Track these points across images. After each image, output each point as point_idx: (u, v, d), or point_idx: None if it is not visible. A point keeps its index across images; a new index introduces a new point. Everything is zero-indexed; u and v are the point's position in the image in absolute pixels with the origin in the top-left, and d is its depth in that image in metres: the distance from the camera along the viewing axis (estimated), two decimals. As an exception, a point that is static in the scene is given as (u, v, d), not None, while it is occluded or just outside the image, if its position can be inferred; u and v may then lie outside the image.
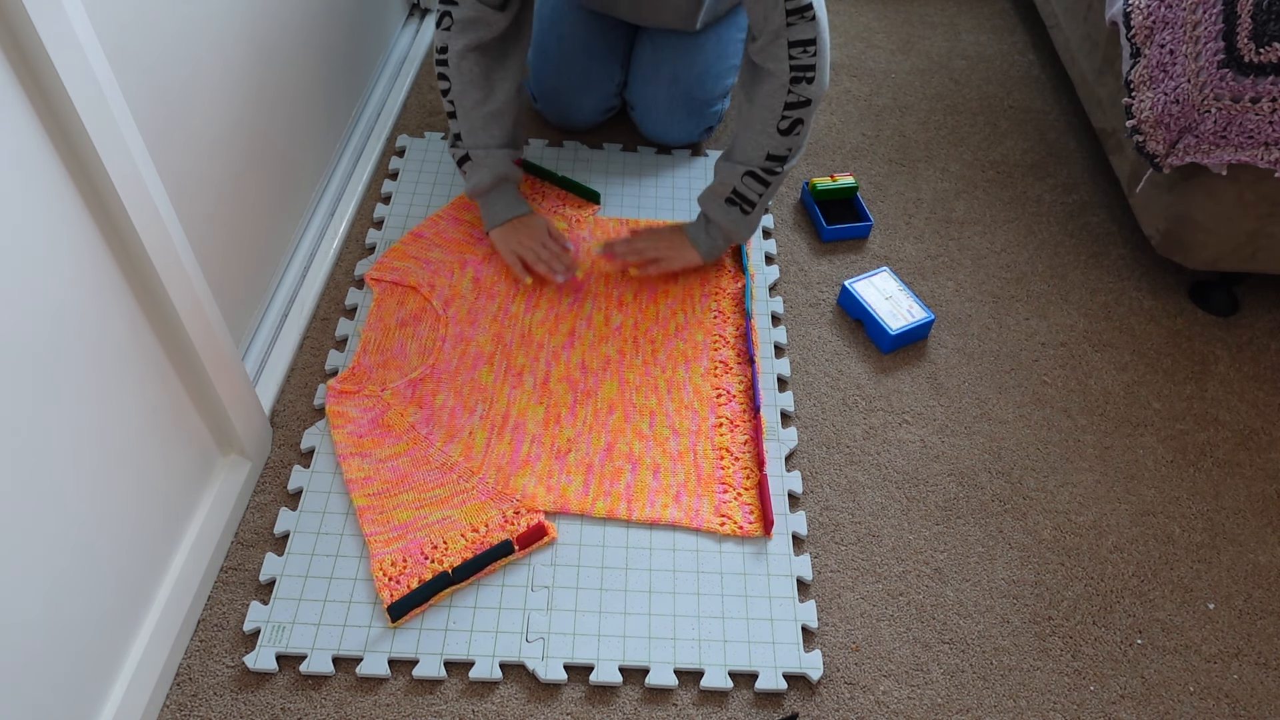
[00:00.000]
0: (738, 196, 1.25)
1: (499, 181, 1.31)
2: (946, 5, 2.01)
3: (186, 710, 0.94)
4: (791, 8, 1.11)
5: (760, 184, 1.24)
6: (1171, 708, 1.00)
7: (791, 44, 1.13)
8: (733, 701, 0.98)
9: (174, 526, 0.99)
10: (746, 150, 1.22)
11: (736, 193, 1.25)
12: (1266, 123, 1.16)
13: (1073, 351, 1.34)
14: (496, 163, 1.30)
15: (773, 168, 1.22)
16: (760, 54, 1.16)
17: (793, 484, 1.15)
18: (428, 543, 1.06)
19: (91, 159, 0.77)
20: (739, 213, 1.27)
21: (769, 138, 1.20)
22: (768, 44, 1.14)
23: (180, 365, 0.96)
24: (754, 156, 1.22)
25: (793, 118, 1.18)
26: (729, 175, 1.25)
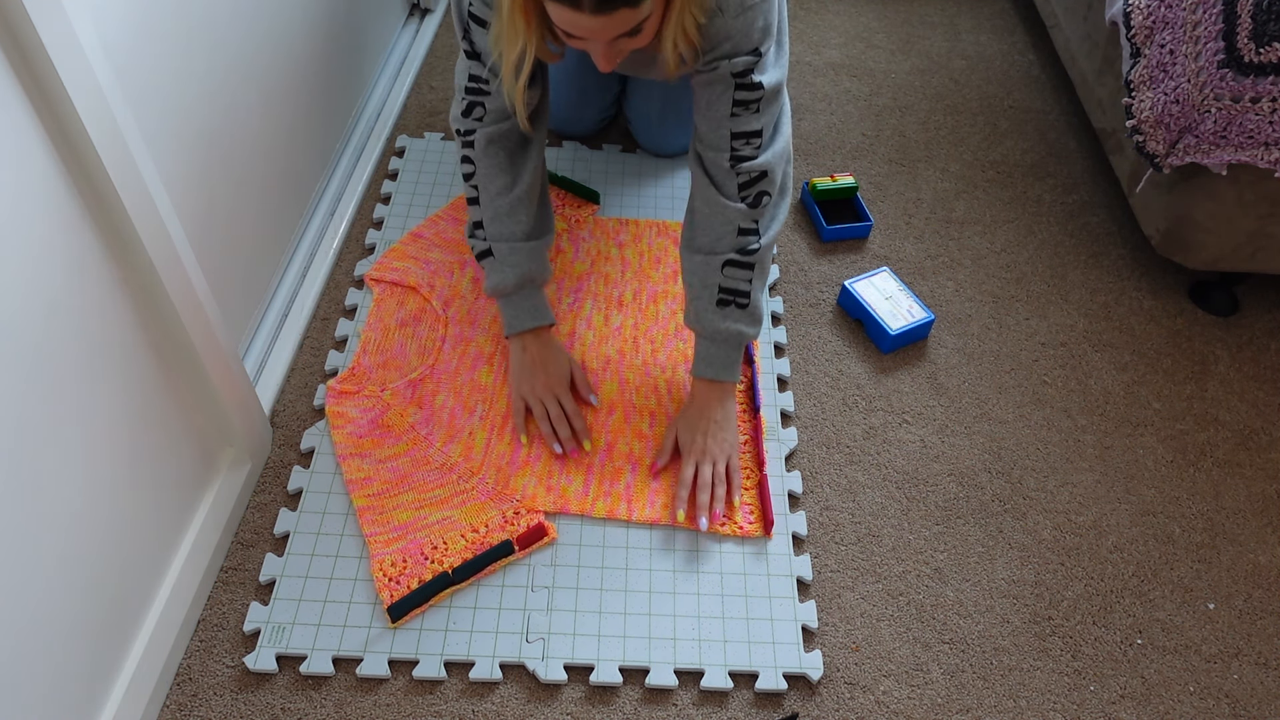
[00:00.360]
0: (727, 293, 1.09)
1: (524, 282, 1.15)
2: (946, 5, 2.01)
3: (186, 710, 0.94)
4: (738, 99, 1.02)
5: (743, 269, 1.08)
6: (1171, 708, 1.00)
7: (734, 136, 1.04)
8: (733, 702, 0.98)
9: (174, 526, 0.99)
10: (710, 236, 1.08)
11: (724, 290, 1.09)
12: (1266, 123, 1.16)
13: (1073, 351, 1.34)
14: (521, 260, 1.14)
15: (747, 245, 1.07)
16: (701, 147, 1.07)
17: (793, 484, 1.15)
18: (428, 543, 1.06)
19: (91, 159, 0.77)
20: (736, 310, 1.09)
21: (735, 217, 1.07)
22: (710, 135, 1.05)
23: (180, 365, 0.96)
24: (721, 244, 1.08)
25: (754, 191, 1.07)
26: (707, 273, 1.09)
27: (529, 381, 1.16)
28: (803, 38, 1.89)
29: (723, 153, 1.05)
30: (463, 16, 1.06)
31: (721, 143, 1.05)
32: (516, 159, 1.14)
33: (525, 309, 1.17)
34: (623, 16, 0.88)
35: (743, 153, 1.05)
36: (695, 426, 1.13)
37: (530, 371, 1.16)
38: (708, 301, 1.10)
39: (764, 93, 1.02)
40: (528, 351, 1.17)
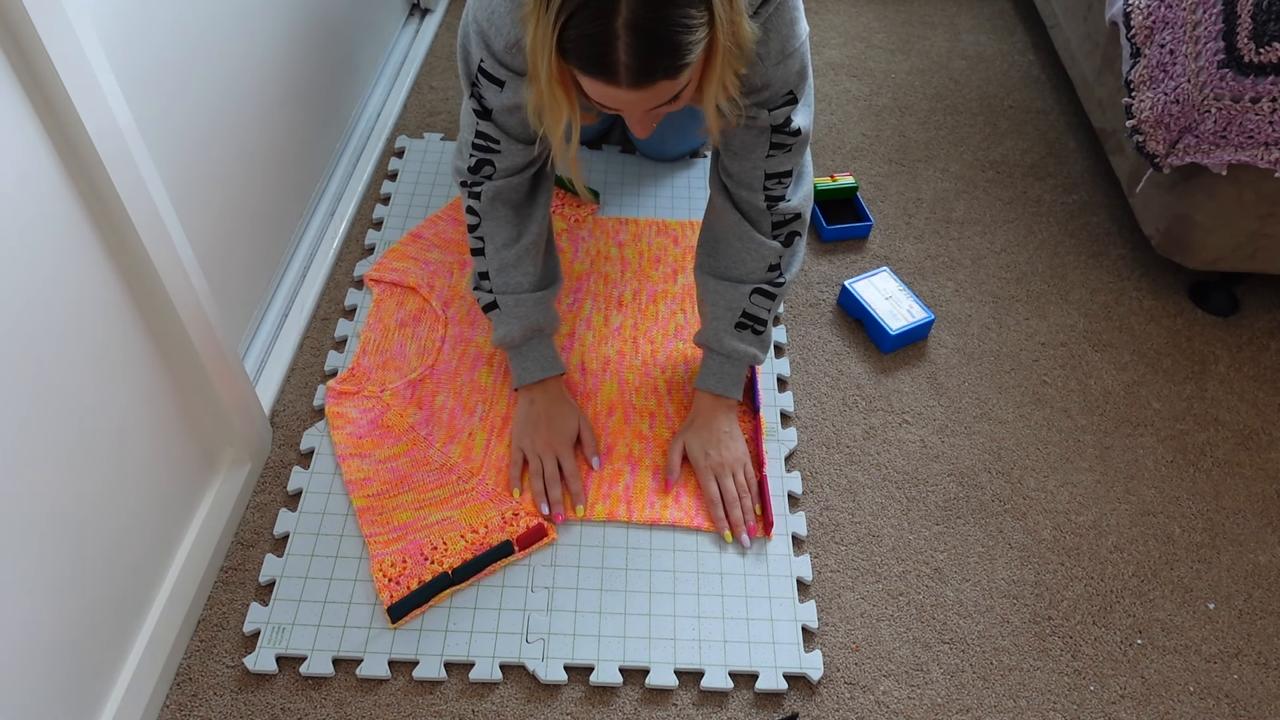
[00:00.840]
0: (748, 318, 1.11)
1: (531, 333, 1.13)
2: (946, 5, 2.01)
3: (186, 710, 0.94)
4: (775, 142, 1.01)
5: (768, 299, 1.10)
6: (1171, 708, 1.00)
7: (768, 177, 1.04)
8: (733, 702, 0.98)
9: (174, 526, 0.99)
10: (741, 268, 1.09)
11: (746, 314, 1.11)
12: (1266, 123, 1.16)
13: (1073, 351, 1.34)
14: (528, 311, 1.12)
15: (775, 279, 1.10)
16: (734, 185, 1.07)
17: (793, 484, 1.15)
18: (427, 544, 1.06)
19: (91, 159, 0.77)
20: (752, 334, 1.12)
21: (766, 251, 1.08)
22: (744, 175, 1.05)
23: (180, 365, 0.96)
24: (752, 273, 1.09)
25: (788, 231, 1.09)
26: (734, 298, 1.10)
27: (530, 435, 1.12)
28: (803, 38, 1.89)
29: (756, 193, 1.05)
30: (471, 72, 1.01)
31: (755, 183, 1.05)
32: (523, 212, 1.11)
33: (533, 360, 1.14)
34: (662, 88, 0.83)
35: (775, 192, 1.05)
36: (706, 441, 1.12)
37: (534, 426, 1.13)
38: (727, 323, 1.11)
39: (799, 138, 1.02)
40: (535, 405, 1.14)
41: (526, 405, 1.15)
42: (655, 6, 0.78)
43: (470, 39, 0.99)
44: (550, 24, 0.80)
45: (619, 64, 0.80)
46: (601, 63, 0.80)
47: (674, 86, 0.84)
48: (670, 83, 0.83)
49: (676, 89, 0.85)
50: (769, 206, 1.06)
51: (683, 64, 0.81)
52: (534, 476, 1.10)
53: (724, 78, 0.87)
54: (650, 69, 0.80)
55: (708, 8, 0.80)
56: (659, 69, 0.81)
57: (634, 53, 0.79)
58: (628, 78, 0.81)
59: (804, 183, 1.09)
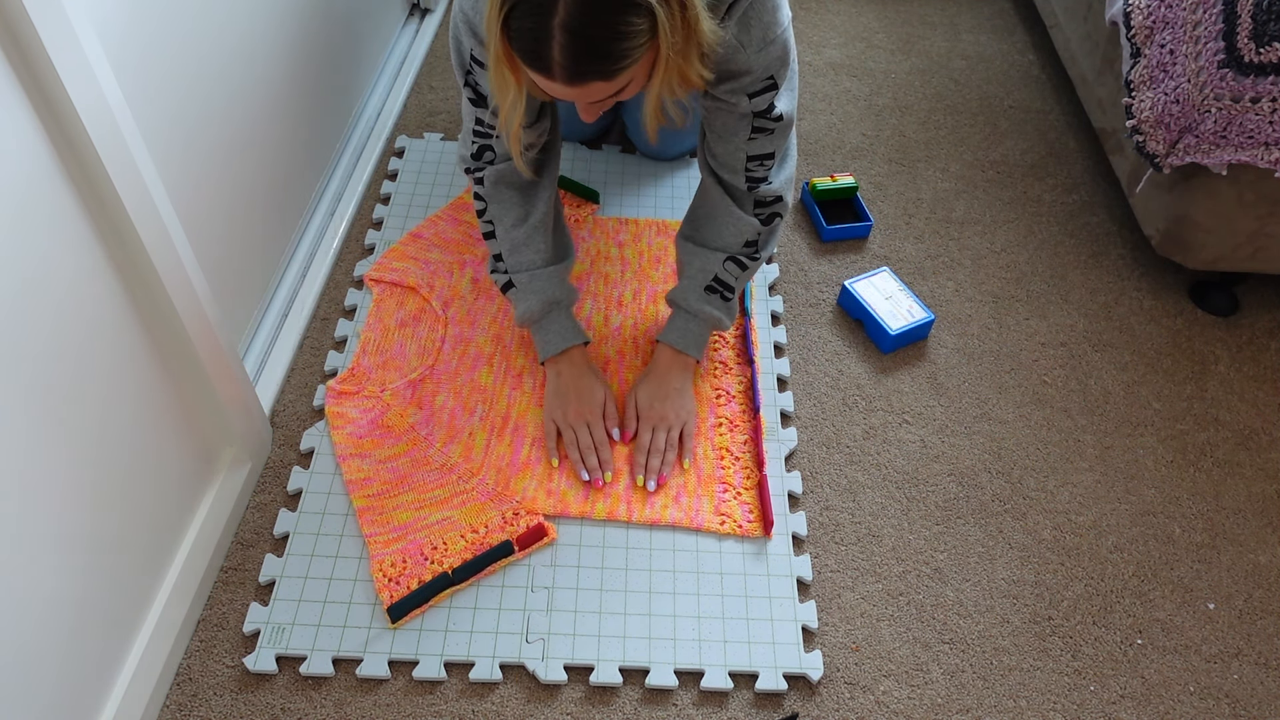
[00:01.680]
0: (718, 284, 1.15)
1: (549, 307, 1.16)
2: (946, 5, 2.01)
3: (186, 710, 0.94)
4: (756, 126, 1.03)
5: (740, 268, 1.14)
6: (1171, 708, 1.00)
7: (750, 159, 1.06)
8: (733, 702, 0.98)
9: (174, 526, 0.99)
10: (721, 239, 1.14)
11: (717, 279, 1.15)
12: (1266, 123, 1.16)
13: (1073, 351, 1.34)
14: (544, 285, 1.15)
15: (752, 254, 1.14)
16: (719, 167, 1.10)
17: (793, 484, 1.15)
18: (427, 544, 1.06)
19: (91, 159, 0.77)
20: (720, 300, 1.16)
21: (746, 226, 1.11)
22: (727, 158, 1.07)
23: (180, 365, 0.96)
24: (731, 243, 1.13)
25: (769, 212, 1.12)
26: (708, 263, 1.14)
27: (561, 407, 1.15)
28: (803, 38, 1.89)
29: (738, 174, 1.08)
30: (464, 61, 1.04)
31: (737, 164, 1.07)
32: (528, 193, 1.14)
33: (554, 332, 1.17)
34: (597, 88, 0.85)
35: (756, 174, 1.08)
36: (655, 393, 1.17)
37: (564, 397, 1.15)
38: (698, 285, 1.16)
39: (781, 123, 1.04)
40: (562, 377, 1.17)
41: (554, 378, 1.17)
42: (592, 11, 0.79)
43: (460, 29, 1.02)
44: (498, 9, 0.82)
45: (554, 61, 0.82)
46: (536, 57, 0.83)
47: (609, 87, 0.86)
48: (604, 84, 0.85)
49: (613, 89, 0.87)
50: (750, 188, 1.09)
51: (617, 68, 0.83)
52: (570, 447, 1.14)
53: (669, 81, 0.89)
54: (582, 70, 0.82)
55: (650, 15, 0.81)
56: (590, 71, 0.83)
57: (567, 53, 0.81)
58: (561, 75, 0.83)
59: (787, 165, 1.11)
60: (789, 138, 1.09)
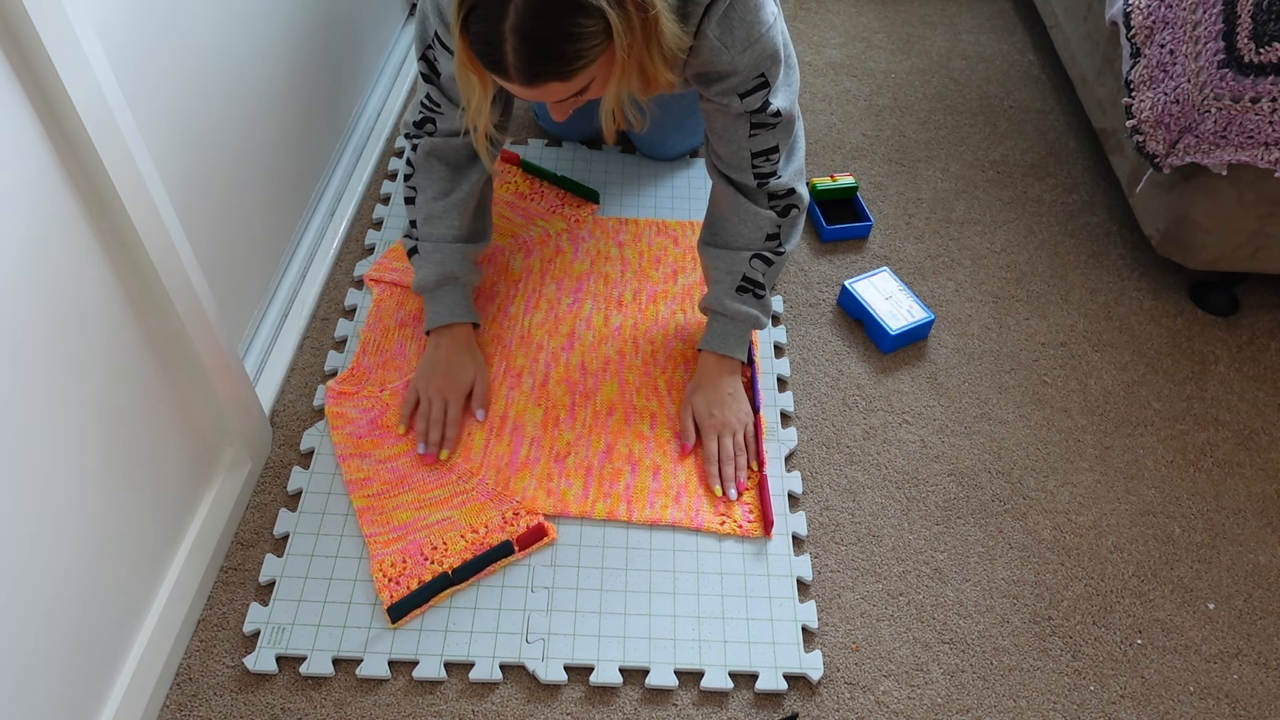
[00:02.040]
0: (748, 282, 1.15)
1: (444, 280, 1.17)
2: (946, 5, 2.01)
3: (186, 710, 0.94)
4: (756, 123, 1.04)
5: (766, 264, 1.14)
6: (1171, 708, 1.00)
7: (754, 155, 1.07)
8: (733, 702, 0.98)
9: (174, 526, 0.99)
10: (742, 238, 1.14)
11: (746, 280, 1.15)
12: (1266, 123, 1.16)
13: (1073, 351, 1.34)
14: (445, 258, 1.17)
15: (776, 248, 1.14)
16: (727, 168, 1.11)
17: (793, 484, 1.15)
18: (427, 544, 1.06)
19: (91, 159, 0.77)
20: (753, 298, 1.16)
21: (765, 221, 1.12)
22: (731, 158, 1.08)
23: (180, 365, 0.96)
24: (753, 240, 1.14)
25: (784, 204, 1.12)
26: (734, 264, 1.14)
27: (426, 378, 1.16)
28: (803, 38, 1.89)
29: (745, 172, 1.09)
30: (426, 37, 1.07)
31: (743, 163, 1.08)
32: (458, 171, 1.17)
33: (444, 305, 1.18)
34: (554, 88, 0.87)
35: (764, 169, 1.09)
36: (712, 401, 1.16)
37: (433, 369, 1.16)
38: (729, 286, 1.16)
39: (781, 119, 1.04)
40: (439, 350, 1.18)
41: (433, 349, 1.18)
42: (541, 15, 0.81)
43: (428, 12, 1.05)
44: (458, 13, 0.84)
45: (509, 64, 0.84)
46: (492, 60, 0.85)
47: (568, 87, 0.87)
48: (561, 84, 0.86)
49: (571, 90, 0.88)
50: (760, 184, 1.10)
51: (571, 69, 0.85)
52: (420, 417, 1.14)
53: (629, 83, 0.91)
54: (536, 71, 0.84)
55: (601, 16, 0.82)
56: (544, 72, 0.84)
57: (520, 55, 0.83)
58: (518, 77, 0.85)
59: (795, 158, 1.12)
60: (794, 131, 1.10)
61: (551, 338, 1.28)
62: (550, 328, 1.29)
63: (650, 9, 0.85)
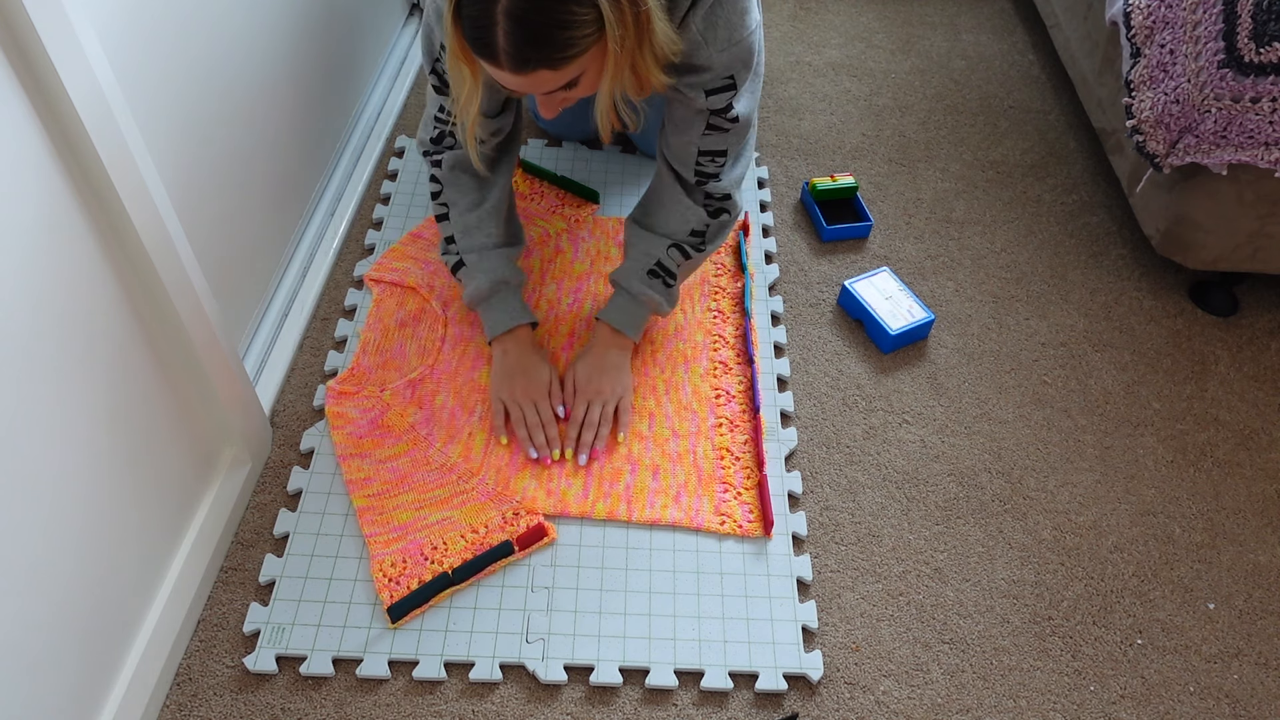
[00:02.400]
0: (659, 269, 1.17)
1: (498, 286, 1.18)
2: (946, 5, 2.01)
3: (186, 710, 0.94)
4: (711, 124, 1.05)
5: (683, 255, 1.16)
6: (1171, 708, 1.00)
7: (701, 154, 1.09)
8: (733, 702, 0.98)
9: (174, 526, 0.99)
10: (667, 224, 1.16)
11: (659, 265, 1.17)
12: (1266, 123, 1.16)
13: (1073, 351, 1.34)
14: (493, 265, 1.18)
15: (698, 244, 1.16)
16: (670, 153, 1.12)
17: (793, 484, 1.15)
18: (427, 544, 1.06)
19: (91, 159, 0.77)
20: (662, 285, 1.18)
21: (693, 215, 1.14)
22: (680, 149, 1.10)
23: (180, 365, 0.96)
24: (678, 231, 1.16)
25: (717, 207, 1.14)
26: (652, 247, 1.17)
27: (508, 386, 1.16)
28: (803, 38, 1.89)
29: (688, 167, 1.10)
30: (432, 49, 1.07)
31: (688, 159, 1.10)
32: (483, 180, 1.18)
33: (502, 311, 1.19)
34: (543, 77, 0.87)
35: (706, 169, 1.10)
36: (592, 369, 1.19)
37: (510, 376, 1.17)
38: (641, 268, 1.18)
39: (737, 124, 1.06)
40: (509, 356, 1.18)
41: (501, 357, 1.19)
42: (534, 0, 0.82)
43: (431, 16, 1.04)
44: (450, 1, 0.86)
45: (499, 48, 0.84)
46: (483, 44, 0.85)
47: (558, 77, 0.88)
48: (551, 73, 0.86)
49: (561, 80, 0.88)
50: (699, 183, 1.12)
51: (562, 57, 0.85)
52: (517, 425, 1.15)
53: (621, 80, 0.91)
54: (526, 58, 0.84)
55: (594, 6, 0.83)
56: (534, 59, 0.85)
57: (511, 40, 0.83)
58: (508, 62, 0.85)
59: (738, 166, 1.13)
60: (746, 139, 1.11)
61: (552, 337, 1.28)
62: (550, 327, 1.29)
63: (642, 4, 0.86)
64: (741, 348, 1.28)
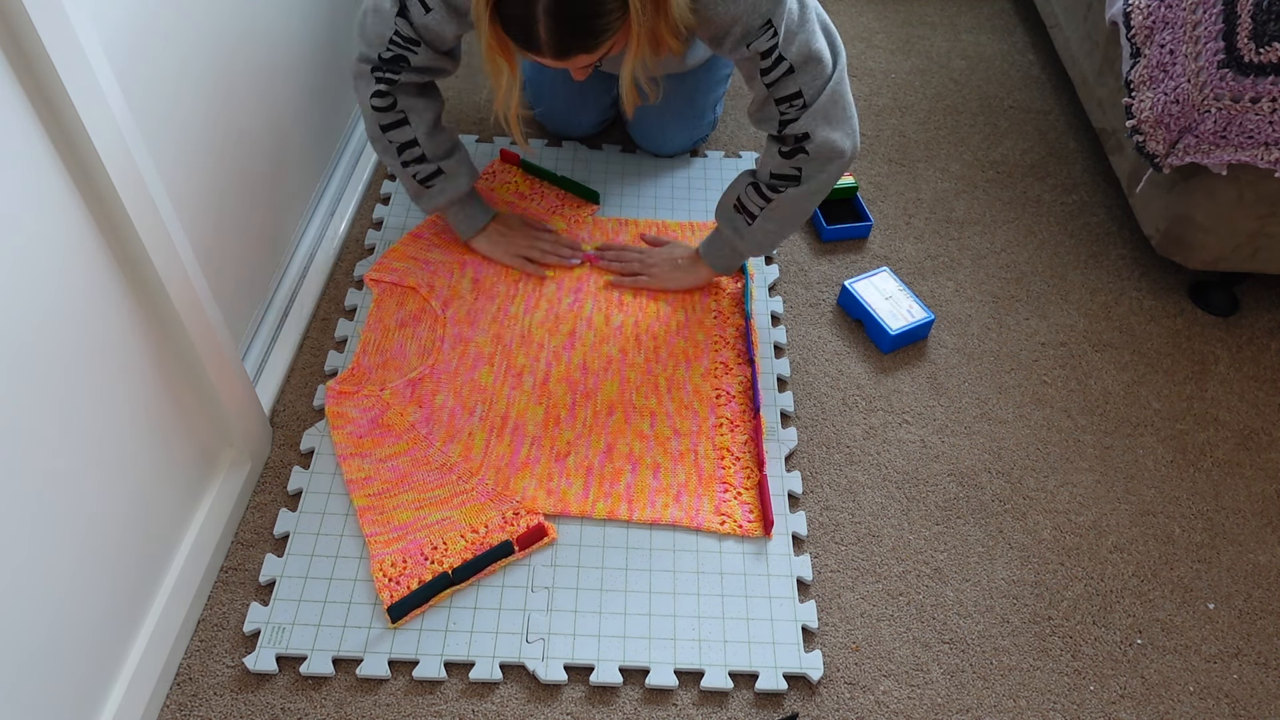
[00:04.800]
0: (740, 205, 1.22)
1: (471, 190, 1.31)
2: (946, 5, 2.01)
3: (186, 710, 0.94)
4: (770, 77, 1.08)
5: (761, 198, 1.19)
6: (1171, 708, 1.01)
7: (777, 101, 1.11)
8: (733, 702, 0.98)
9: (174, 526, 0.99)
10: (758, 169, 1.22)
11: (740, 201, 1.22)
12: (1266, 123, 1.16)
13: (1073, 351, 1.34)
14: (468, 168, 1.28)
15: (776, 185, 1.18)
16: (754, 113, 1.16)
17: (793, 484, 1.15)
18: (428, 543, 1.06)
19: (92, 159, 0.77)
20: (744, 222, 1.23)
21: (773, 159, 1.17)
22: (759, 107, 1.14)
23: (180, 365, 0.96)
24: (762, 172, 1.20)
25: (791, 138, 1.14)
26: (739, 184, 1.23)
27: (514, 245, 1.33)
28: (803, 38, 1.89)
29: (773, 122, 1.13)
30: None
31: (770, 113, 1.13)
32: (428, 94, 1.24)
33: (478, 207, 1.33)
34: (581, 59, 0.99)
35: (788, 115, 1.12)
36: (671, 251, 1.35)
37: (507, 238, 1.33)
38: (728, 202, 1.25)
39: (790, 63, 1.07)
40: (496, 229, 1.34)
41: (491, 236, 1.34)
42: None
43: None
44: (485, 2, 0.95)
45: (542, 41, 0.95)
46: (527, 41, 0.97)
47: (593, 56, 0.99)
48: (588, 55, 0.99)
49: (597, 57, 1.00)
50: (781, 129, 1.13)
51: (597, 42, 0.96)
52: (546, 257, 1.34)
53: (643, 54, 1.01)
54: (567, 47, 0.96)
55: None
56: (574, 47, 0.97)
57: (552, 33, 0.94)
58: (550, 52, 0.97)
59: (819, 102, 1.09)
60: (820, 77, 1.08)
61: (552, 337, 1.28)
62: (551, 327, 1.29)
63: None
64: (741, 348, 1.28)
